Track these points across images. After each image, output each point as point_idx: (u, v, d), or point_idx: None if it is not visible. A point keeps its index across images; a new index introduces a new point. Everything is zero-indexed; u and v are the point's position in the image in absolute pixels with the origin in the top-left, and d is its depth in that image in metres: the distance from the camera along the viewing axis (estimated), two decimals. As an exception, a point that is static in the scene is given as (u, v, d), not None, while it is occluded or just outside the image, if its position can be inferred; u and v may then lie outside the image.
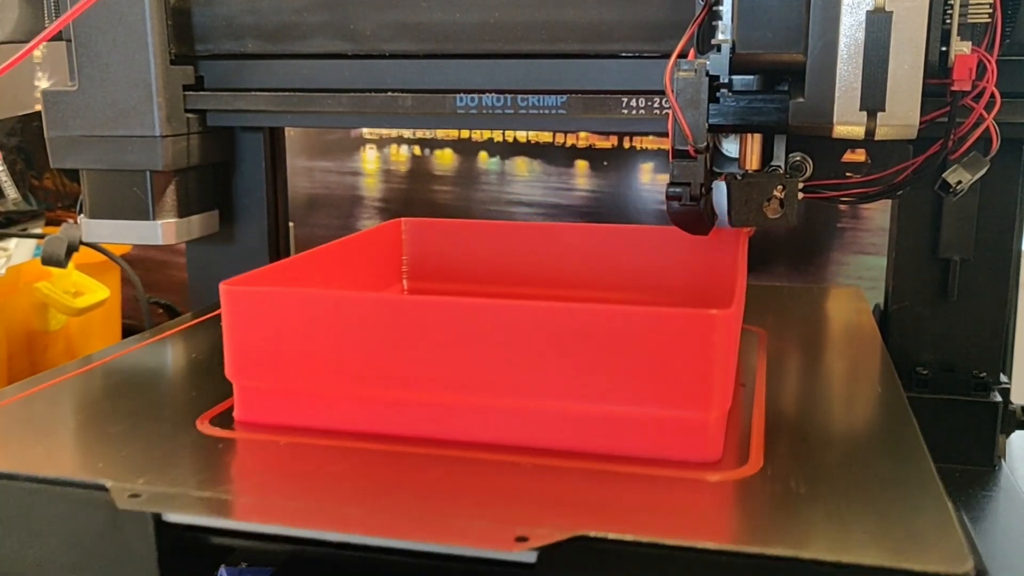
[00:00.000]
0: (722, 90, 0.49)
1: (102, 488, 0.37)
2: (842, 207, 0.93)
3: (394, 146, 1.03)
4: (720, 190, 0.51)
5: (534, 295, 0.64)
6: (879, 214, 0.93)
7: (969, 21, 0.48)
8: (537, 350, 0.40)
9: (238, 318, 0.44)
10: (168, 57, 0.63)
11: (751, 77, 0.49)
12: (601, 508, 0.36)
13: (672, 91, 0.47)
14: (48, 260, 0.79)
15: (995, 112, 0.49)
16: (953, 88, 0.48)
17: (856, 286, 0.93)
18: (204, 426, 0.45)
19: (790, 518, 0.35)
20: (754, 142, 0.51)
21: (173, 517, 0.37)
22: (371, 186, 1.05)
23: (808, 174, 0.52)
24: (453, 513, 0.35)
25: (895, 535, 0.33)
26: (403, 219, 0.66)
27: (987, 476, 0.59)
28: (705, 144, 0.47)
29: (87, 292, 0.89)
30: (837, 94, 0.46)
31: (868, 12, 0.45)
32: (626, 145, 0.97)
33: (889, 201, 0.91)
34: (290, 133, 1.03)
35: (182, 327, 0.65)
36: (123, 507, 0.36)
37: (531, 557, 0.33)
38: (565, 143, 0.97)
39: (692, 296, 0.61)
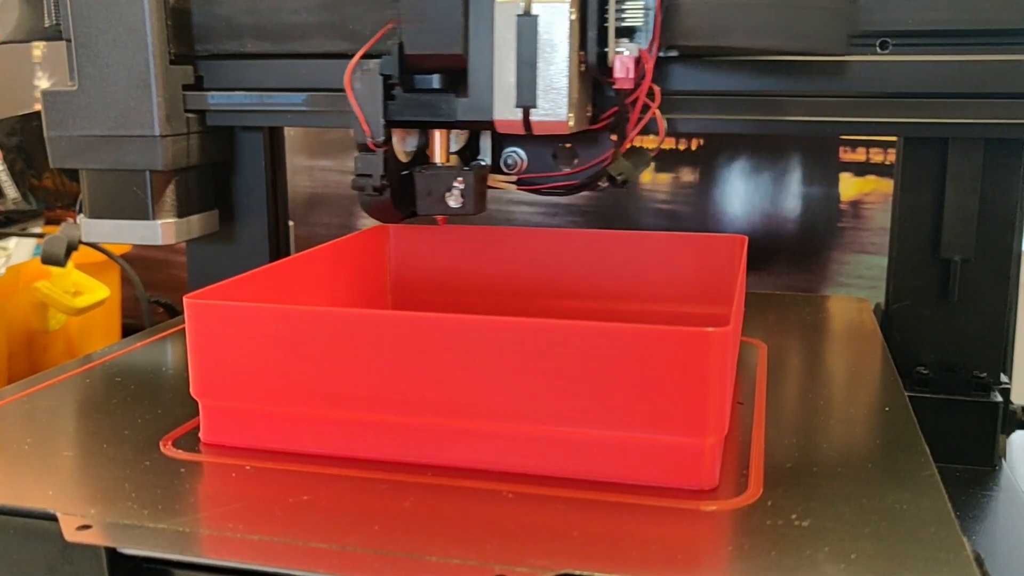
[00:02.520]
0: (397, 88, 0.51)
1: (51, 517, 0.35)
2: (842, 206, 0.93)
3: (394, 145, 1.02)
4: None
5: (525, 305, 0.62)
6: (880, 214, 0.93)
7: (626, 24, 0.52)
8: (520, 369, 0.38)
9: (203, 334, 0.42)
10: (168, 57, 0.63)
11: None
12: (588, 541, 0.34)
13: (351, 90, 0.50)
14: (48, 259, 0.79)
15: (656, 105, 0.53)
16: (615, 87, 0.52)
17: (856, 288, 0.93)
18: (168, 448, 0.43)
19: (792, 554, 0.33)
20: (440, 137, 0.55)
21: (130, 549, 0.34)
22: (371, 185, 1.04)
23: (521, 169, 0.57)
24: (426, 548, 0.33)
25: (904, 571, 0.32)
26: (389, 224, 0.65)
27: (987, 476, 0.59)
28: (384, 138, 0.51)
29: (87, 291, 0.89)
30: (495, 92, 0.50)
31: (517, 15, 0.48)
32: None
33: (890, 200, 0.91)
34: (290, 132, 1.03)
35: (178, 328, 0.64)
36: (71, 540, 0.34)
37: None
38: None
39: (691, 305, 0.60)
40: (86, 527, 0.35)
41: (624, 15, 0.52)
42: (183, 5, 0.64)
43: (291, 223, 0.78)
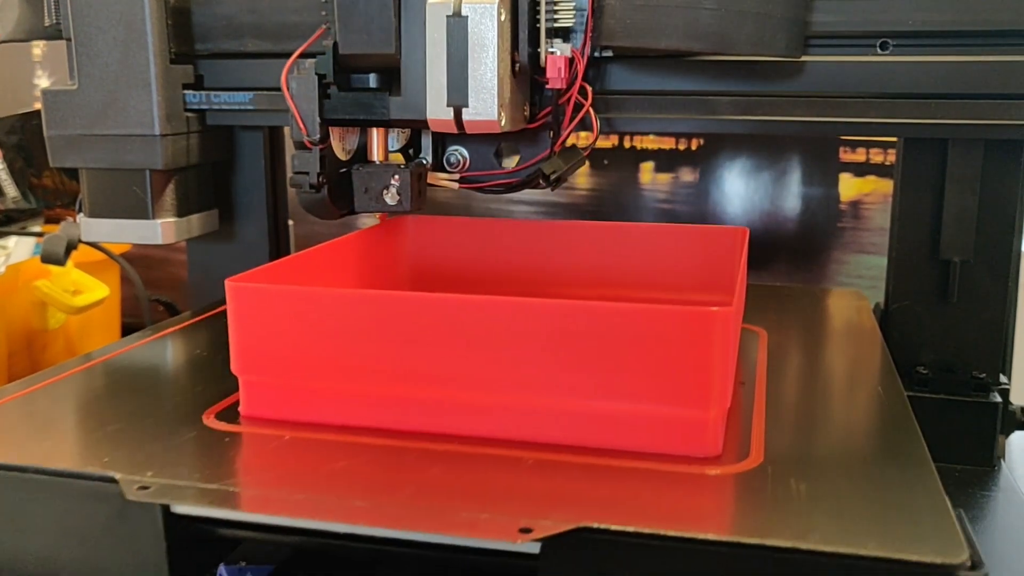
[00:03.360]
0: (332, 87, 0.52)
1: (111, 480, 0.38)
2: (842, 206, 0.93)
3: (394, 145, 1.02)
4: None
5: (536, 293, 0.64)
6: (879, 214, 0.93)
7: (558, 25, 0.53)
8: (538, 347, 0.41)
9: (243, 314, 0.45)
10: (168, 56, 0.63)
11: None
12: (603, 501, 0.36)
13: (287, 90, 0.51)
14: (47, 258, 0.79)
15: (589, 103, 0.54)
16: (548, 86, 0.53)
17: (856, 288, 0.93)
18: (210, 420, 0.46)
19: (789, 511, 0.35)
20: (378, 135, 0.55)
21: (181, 509, 0.37)
22: (371, 184, 1.04)
23: (463, 167, 0.58)
24: (457, 506, 0.36)
25: (893, 528, 0.34)
26: (408, 216, 0.66)
27: (987, 476, 0.59)
28: (320, 136, 0.52)
29: (86, 290, 0.89)
30: (428, 91, 0.51)
31: (447, 16, 0.49)
32: (627, 144, 0.97)
33: (890, 200, 0.91)
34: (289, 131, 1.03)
35: (182, 325, 0.65)
36: (132, 499, 0.36)
37: (534, 548, 0.33)
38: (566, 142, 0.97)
39: (694, 293, 0.62)
40: (145, 488, 0.37)
41: (556, 16, 0.53)
42: (183, 4, 0.64)
43: (291, 222, 0.78)
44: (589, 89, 0.55)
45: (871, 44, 0.55)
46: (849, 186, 0.93)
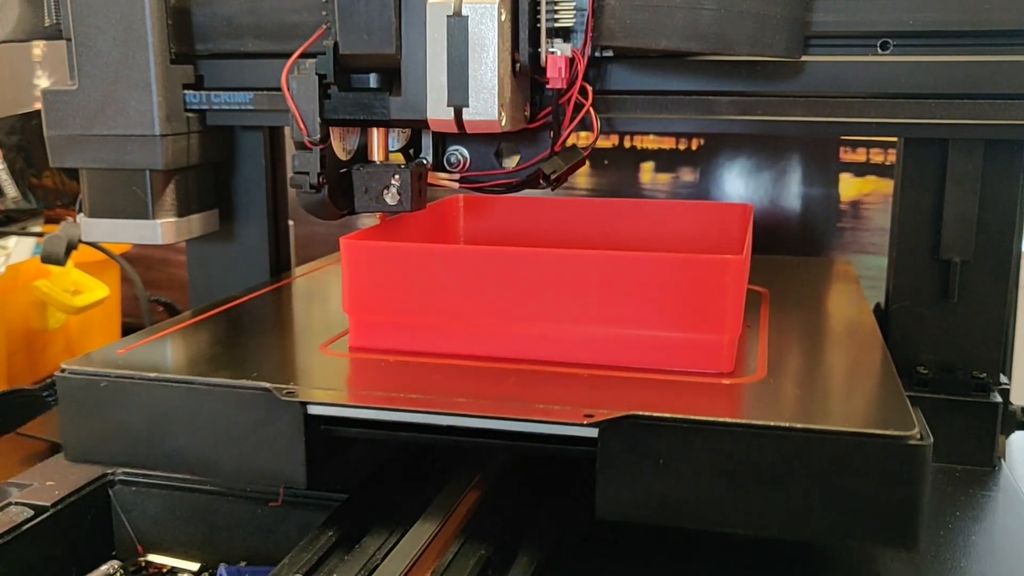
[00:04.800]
0: (333, 87, 0.53)
1: (263, 389, 0.47)
2: (842, 206, 0.93)
3: (394, 144, 1.02)
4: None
5: None
6: (880, 214, 0.93)
7: (559, 25, 0.53)
8: (591, 288, 0.51)
9: (355, 265, 0.54)
10: (168, 56, 0.63)
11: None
12: (644, 401, 0.46)
13: (288, 90, 0.52)
14: (47, 258, 0.79)
15: (589, 103, 0.55)
16: (548, 86, 0.53)
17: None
18: (326, 351, 0.56)
19: (787, 406, 0.46)
20: (378, 135, 0.56)
21: (315, 410, 0.47)
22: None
23: (464, 167, 0.59)
24: (534, 402, 0.46)
25: (865, 415, 0.46)
26: (459, 195, 0.74)
27: (987, 476, 0.59)
28: (320, 136, 0.52)
29: (86, 290, 0.89)
30: (429, 91, 0.51)
31: (448, 16, 0.50)
32: (627, 144, 0.97)
33: (890, 200, 0.91)
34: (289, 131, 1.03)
35: (280, 284, 0.70)
36: (284, 399, 0.47)
37: (593, 433, 0.43)
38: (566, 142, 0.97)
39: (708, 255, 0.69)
40: (291, 393, 0.47)
41: (557, 16, 0.53)
42: (183, 4, 0.64)
43: (291, 223, 0.78)
44: (589, 89, 0.55)
45: (871, 44, 0.55)
46: (849, 186, 0.93)
